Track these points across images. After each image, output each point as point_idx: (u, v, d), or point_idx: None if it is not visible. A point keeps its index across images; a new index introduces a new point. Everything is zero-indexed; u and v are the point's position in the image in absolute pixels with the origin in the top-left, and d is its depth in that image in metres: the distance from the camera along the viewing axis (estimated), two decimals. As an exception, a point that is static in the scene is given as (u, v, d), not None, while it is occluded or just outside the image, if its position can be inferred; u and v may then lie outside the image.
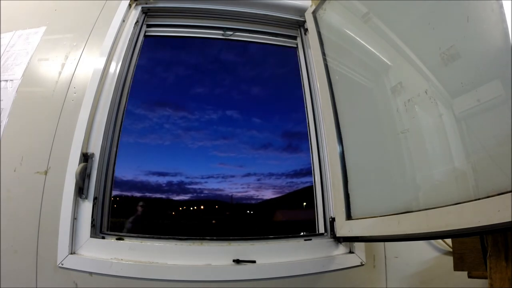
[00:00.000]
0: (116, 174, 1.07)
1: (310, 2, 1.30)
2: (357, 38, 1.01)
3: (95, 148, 1.00)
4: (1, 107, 1.07)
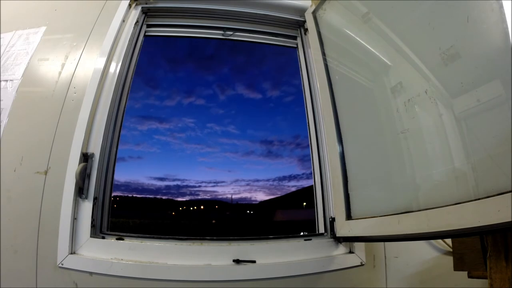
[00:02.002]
0: (117, 177, 1.07)
1: (310, 2, 1.30)
2: (357, 38, 1.01)
3: (95, 148, 1.00)
4: (1, 107, 1.07)
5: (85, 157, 0.97)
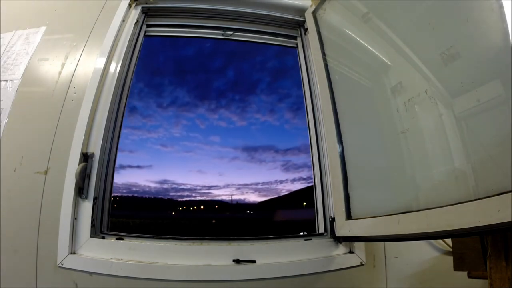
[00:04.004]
0: (119, 181, 1.07)
1: (310, 2, 1.30)
2: (357, 38, 1.01)
3: (95, 148, 1.00)
4: (1, 107, 1.07)
5: (85, 157, 0.97)
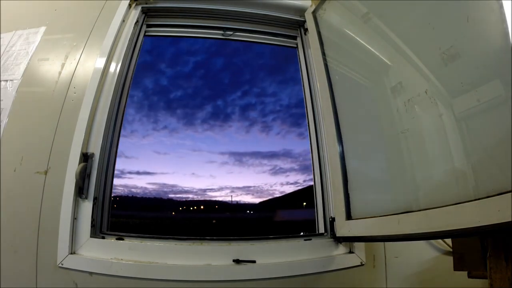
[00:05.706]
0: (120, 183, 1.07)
1: (310, 2, 1.30)
2: (357, 38, 1.01)
3: (95, 148, 1.00)
4: (1, 107, 1.07)
5: (85, 157, 0.97)
